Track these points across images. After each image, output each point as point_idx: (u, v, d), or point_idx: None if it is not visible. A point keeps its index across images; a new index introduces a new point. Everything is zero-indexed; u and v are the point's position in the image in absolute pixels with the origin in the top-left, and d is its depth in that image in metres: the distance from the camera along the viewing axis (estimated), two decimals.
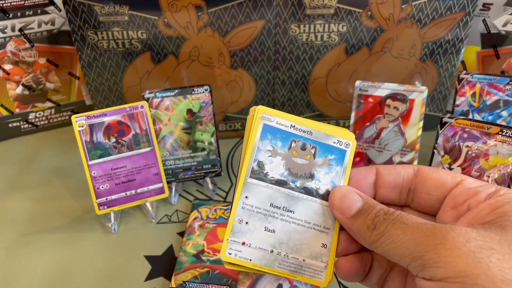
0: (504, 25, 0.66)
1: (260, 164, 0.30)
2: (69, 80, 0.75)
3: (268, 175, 0.30)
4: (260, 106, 0.30)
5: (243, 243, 0.30)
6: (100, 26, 0.61)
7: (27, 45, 0.69)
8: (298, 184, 0.30)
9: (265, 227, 0.30)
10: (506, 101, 0.57)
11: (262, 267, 0.30)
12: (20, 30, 0.68)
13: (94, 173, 0.55)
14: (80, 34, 0.62)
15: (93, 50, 0.64)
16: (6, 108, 0.73)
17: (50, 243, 0.55)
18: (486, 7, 0.66)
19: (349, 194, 0.30)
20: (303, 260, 0.30)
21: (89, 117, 0.54)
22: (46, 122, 0.76)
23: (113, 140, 0.55)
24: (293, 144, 0.30)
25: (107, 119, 0.54)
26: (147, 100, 0.58)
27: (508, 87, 0.57)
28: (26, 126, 0.75)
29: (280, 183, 0.30)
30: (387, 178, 0.31)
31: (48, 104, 0.75)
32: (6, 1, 0.65)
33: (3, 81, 0.70)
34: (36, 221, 0.58)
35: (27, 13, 0.67)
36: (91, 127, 0.54)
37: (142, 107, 0.56)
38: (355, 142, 0.32)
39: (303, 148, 0.30)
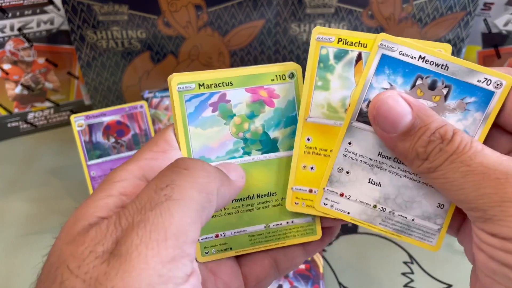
0: (505, 24, 0.66)
1: None
2: (68, 79, 0.74)
3: None
4: (380, 34, 0.24)
5: (341, 194, 0.26)
6: (99, 25, 0.61)
7: (26, 44, 0.69)
8: None
9: (370, 179, 0.26)
10: None
11: (362, 222, 0.26)
12: (19, 29, 0.67)
13: (93, 174, 0.54)
14: (79, 34, 0.62)
15: (92, 49, 0.63)
16: (5, 108, 0.72)
17: (49, 244, 0.54)
18: (487, 6, 0.65)
19: (394, 102, 0.22)
20: (412, 220, 0.26)
21: (88, 117, 0.54)
22: (45, 122, 0.76)
23: (112, 140, 0.55)
24: (419, 82, 0.24)
25: (106, 119, 0.54)
26: (147, 100, 0.58)
27: None
28: (25, 126, 0.75)
29: None
30: None
31: (47, 104, 0.75)
32: (5, 1, 0.64)
33: (2, 80, 0.70)
34: (35, 222, 0.58)
35: (26, 12, 0.66)
36: (90, 127, 0.54)
37: (141, 107, 0.55)
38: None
39: (432, 86, 0.24)
